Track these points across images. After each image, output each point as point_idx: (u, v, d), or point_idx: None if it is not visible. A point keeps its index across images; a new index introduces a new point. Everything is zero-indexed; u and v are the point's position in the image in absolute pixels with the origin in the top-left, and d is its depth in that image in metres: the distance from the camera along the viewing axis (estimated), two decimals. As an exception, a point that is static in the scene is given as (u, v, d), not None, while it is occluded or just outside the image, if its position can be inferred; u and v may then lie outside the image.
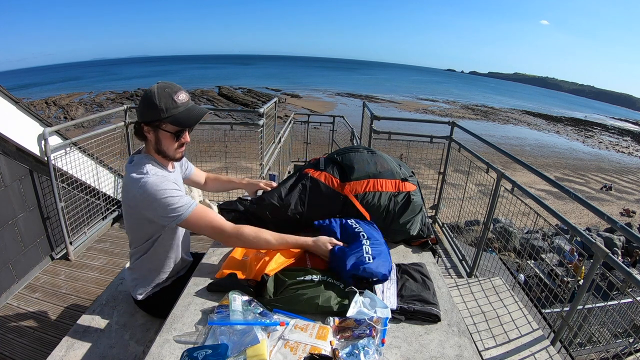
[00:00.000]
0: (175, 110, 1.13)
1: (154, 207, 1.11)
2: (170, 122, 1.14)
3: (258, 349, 0.83)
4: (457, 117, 35.28)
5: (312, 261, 1.21)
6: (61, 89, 42.67)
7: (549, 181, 2.18)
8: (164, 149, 1.20)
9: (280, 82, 58.69)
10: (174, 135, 1.18)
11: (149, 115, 1.13)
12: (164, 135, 1.17)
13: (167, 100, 1.11)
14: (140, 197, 1.11)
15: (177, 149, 1.23)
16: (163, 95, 1.11)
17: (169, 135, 1.17)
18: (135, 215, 1.20)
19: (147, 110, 1.13)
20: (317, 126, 6.36)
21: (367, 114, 3.95)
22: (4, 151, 2.27)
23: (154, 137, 1.18)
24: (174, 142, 1.20)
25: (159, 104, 1.10)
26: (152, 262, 1.33)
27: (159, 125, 1.15)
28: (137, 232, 1.27)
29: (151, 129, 1.17)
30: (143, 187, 1.10)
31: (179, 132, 1.19)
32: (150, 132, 1.17)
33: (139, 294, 1.36)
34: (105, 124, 7.18)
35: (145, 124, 1.16)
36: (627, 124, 55.90)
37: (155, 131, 1.17)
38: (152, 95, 1.11)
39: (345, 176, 1.38)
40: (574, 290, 2.00)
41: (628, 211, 15.97)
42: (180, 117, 1.14)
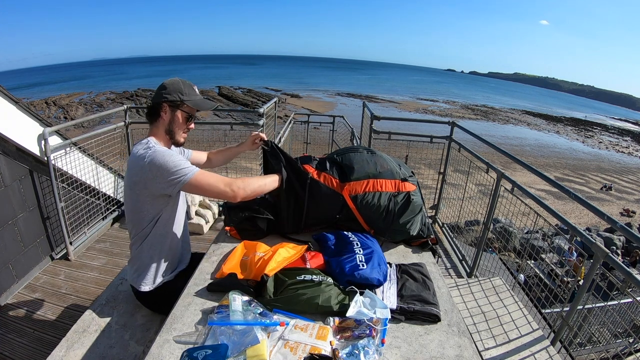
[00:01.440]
0: (195, 97, 1.34)
1: (161, 172, 1.18)
2: (191, 104, 1.32)
3: (258, 349, 0.83)
4: (457, 117, 35.28)
5: (312, 261, 1.21)
6: (62, 89, 42.67)
7: (549, 181, 2.18)
8: (175, 128, 1.34)
9: (283, 82, 58.82)
10: (188, 117, 1.35)
11: (173, 95, 1.29)
12: (181, 115, 1.33)
13: (190, 89, 1.33)
14: (148, 166, 1.18)
15: (184, 133, 1.38)
16: (186, 85, 1.32)
17: (185, 117, 1.34)
18: (138, 191, 1.24)
19: (172, 92, 1.29)
20: (317, 126, 6.36)
21: (367, 114, 3.95)
22: (4, 151, 2.27)
23: (169, 116, 1.32)
24: (184, 125, 1.35)
25: (182, 88, 1.30)
26: (153, 248, 1.34)
27: (180, 105, 1.31)
28: (138, 213, 1.29)
29: (170, 108, 1.31)
30: (150, 156, 1.19)
31: (191, 117, 1.37)
32: (168, 111, 1.31)
33: (142, 286, 1.36)
34: (105, 124, 7.19)
35: (168, 102, 1.30)
36: (627, 124, 55.91)
37: (173, 111, 1.31)
38: (178, 82, 1.31)
39: (345, 176, 1.38)
40: (574, 290, 2.00)
41: (628, 211, 15.98)
42: (199, 102, 1.35)
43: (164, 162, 1.18)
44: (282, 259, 1.16)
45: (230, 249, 1.32)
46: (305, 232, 1.44)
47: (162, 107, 1.30)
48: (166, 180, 1.18)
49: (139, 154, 1.21)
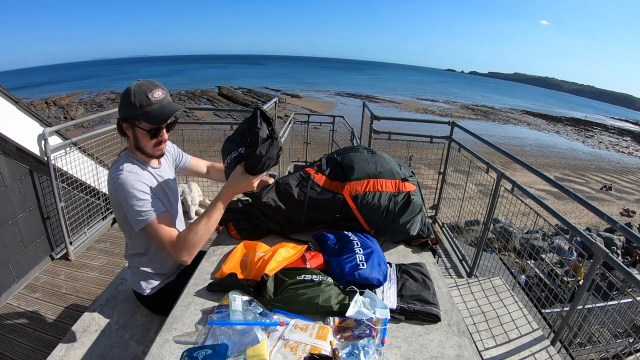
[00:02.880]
0: (148, 107, 1.13)
1: (123, 206, 1.14)
2: (144, 119, 1.15)
3: (258, 349, 0.83)
4: (457, 117, 35.29)
5: (312, 261, 1.21)
6: (62, 89, 42.69)
7: (549, 181, 2.18)
8: (142, 146, 1.22)
9: (285, 82, 58.92)
10: (148, 133, 1.19)
11: (125, 112, 1.15)
12: (140, 132, 1.18)
13: (142, 97, 1.12)
14: (115, 193, 1.14)
15: (155, 147, 1.24)
16: (138, 93, 1.12)
17: (145, 133, 1.18)
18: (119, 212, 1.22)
19: (123, 107, 1.15)
20: (317, 126, 6.36)
21: (367, 114, 3.95)
22: (4, 151, 2.27)
23: (132, 134, 1.20)
24: (150, 140, 1.21)
25: (133, 100, 1.12)
26: (150, 263, 1.33)
27: (134, 122, 1.16)
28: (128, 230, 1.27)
29: (128, 125, 1.18)
30: (117, 185, 1.13)
31: (154, 130, 1.19)
32: (128, 129, 1.19)
33: (144, 291, 1.36)
34: (105, 124, 7.20)
35: (123, 120, 1.18)
36: (627, 124, 55.93)
37: (133, 129, 1.18)
38: (129, 92, 1.12)
39: (345, 176, 1.38)
40: (574, 290, 2.00)
41: (628, 211, 15.98)
42: (152, 115, 1.14)
43: (126, 198, 1.13)
44: (282, 259, 1.16)
45: (230, 249, 1.32)
46: (305, 232, 1.44)
47: (122, 126, 1.19)
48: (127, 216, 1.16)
49: (111, 175, 1.18)
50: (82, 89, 42.96)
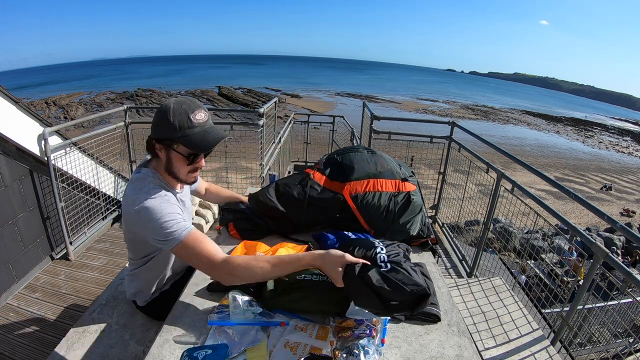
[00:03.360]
0: (190, 130, 1.01)
1: (148, 229, 1.01)
2: (183, 143, 1.03)
3: (258, 349, 0.83)
4: (457, 117, 35.31)
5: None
6: (62, 89, 42.71)
7: (549, 181, 2.18)
8: (175, 170, 1.10)
9: (286, 82, 58.99)
10: (186, 158, 1.07)
11: (161, 132, 1.03)
12: (176, 156, 1.06)
13: (182, 118, 1.00)
14: (136, 216, 1.02)
15: (190, 173, 1.12)
16: (178, 112, 1.00)
17: (182, 158, 1.07)
18: (132, 231, 1.13)
19: (159, 127, 1.03)
20: (317, 126, 6.36)
21: (367, 114, 3.95)
22: (4, 151, 2.27)
23: (165, 156, 1.08)
24: (186, 166, 1.09)
25: (172, 121, 1.00)
26: (151, 273, 1.31)
27: (171, 145, 1.05)
28: (135, 246, 1.23)
29: (163, 147, 1.06)
30: (139, 208, 1.00)
31: (193, 156, 1.08)
32: (162, 150, 1.07)
33: (139, 301, 1.35)
34: (105, 124, 7.18)
35: (157, 141, 1.06)
36: (627, 124, 55.97)
37: (167, 151, 1.06)
38: (167, 110, 1.00)
39: (345, 176, 1.38)
40: (574, 290, 2.00)
41: (628, 211, 15.99)
42: (194, 139, 1.02)
43: (149, 221, 0.99)
44: (282, 259, 1.16)
45: (230, 249, 1.32)
46: (305, 232, 1.44)
47: (155, 146, 1.08)
48: (151, 238, 1.03)
49: (133, 194, 1.04)
50: (82, 89, 42.97)
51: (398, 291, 0.88)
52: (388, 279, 0.89)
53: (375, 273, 0.90)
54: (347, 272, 0.93)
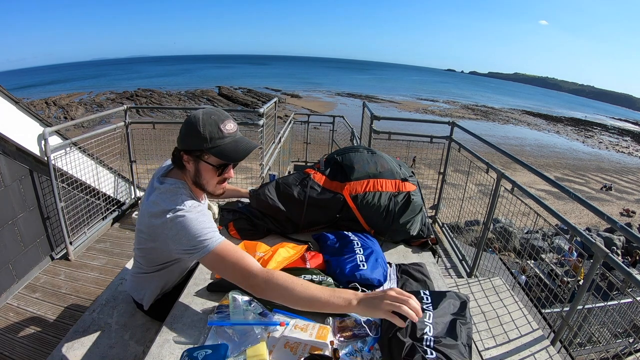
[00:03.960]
0: (220, 141, 1.00)
1: (180, 240, 0.97)
2: (214, 153, 1.01)
3: (258, 349, 0.83)
4: (457, 117, 35.31)
5: (312, 261, 1.21)
6: (62, 89, 42.72)
7: (549, 181, 2.18)
8: (204, 182, 1.08)
9: (287, 82, 59.15)
10: (216, 169, 1.05)
11: (190, 143, 1.01)
12: (206, 167, 1.04)
13: (213, 128, 0.99)
14: (169, 226, 0.97)
15: (219, 184, 1.11)
16: (208, 123, 0.99)
17: (211, 169, 1.05)
18: (156, 241, 1.06)
19: (189, 138, 1.01)
20: (317, 126, 6.37)
21: (367, 114, 3.95)
22: (4, 151, 2.27)
23: (193, 168, 1.06)
24: (215, 177, 1.07)
25: (202, 132, 0.98)
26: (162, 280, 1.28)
27: (201, 156, 1.03)
28: (151, 255, 1.17)
29: (192, 158, 1.04)
30: (175, 219, 0.97)
31: (223, 166, 1.06)
32: (191, 162, 1.05)
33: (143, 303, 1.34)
34: (105, 124, 7.19)
35: (186, 152, 1.04)
36: (627, 124, 55.98)
37: (196, 162, 1.04)
38: (197, 121, 0.99)
39: (345, 176, 1.38)
40: (574, 290, 2.00)
41: (628, 211, 15.99)
42: (226, 150, 1.01)
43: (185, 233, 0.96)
44: (282, 259, 1.16)
45: (230, 248, 1.32)
46: (305, 232, 1.44)
47: (183, 157, 1.05)
48: (181, 249, 0.98)
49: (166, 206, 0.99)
50: (82, 89, 42.99)
51: None
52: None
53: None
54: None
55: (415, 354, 0.79)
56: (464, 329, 0.91)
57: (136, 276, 1.31)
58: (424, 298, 0.96)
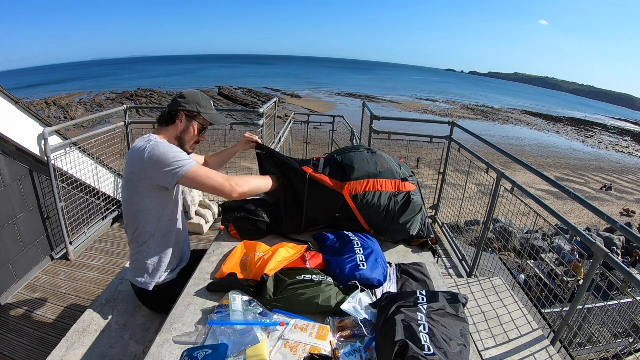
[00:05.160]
0: (212, 111, 1.40)
1: (160, 161, 1.19)
2: (207, 117, 1.38)
3: (258, 349, 0.83)
4: (457, 117, 35.31)
5: (312, 261, 1.21)
6: (62, 89, 42.72)
7: (549, 181, 2.18)
8: (186, 138, 1.37)
9: (288, 81, 59.35)
10: (201, 129, 1.40)
11: (192, 106, 1.34)
12: (195, 126, 1.37)
13: (207, 103, 1.40)
14: (148, 156, 1.19)
15: (194, 143, 1.42)
16: (204, 98, 1.39)
17: (199, 128, 1.38)
18: (137, 182, 1.24)
19: (192, 102, 1.34)
20: (317, 126, 6.36)
21: (367, 114, 3.95)
22: (4, 151, 2.27)
23: (184, 125, 1.35)
24: (196, 136, 1.40)
25: (202, 101, 1.37)
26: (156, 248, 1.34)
27: (196, 117, 1.36)
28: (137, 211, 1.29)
29: (186, 118, 1.35)
30: (151, 147, 1.20)
31: (204, 130, 1.42)
32: (184, 120, 1.35)
33: (145, 285, 1.36)
34: (105, 124, 7.19)
35: (185, 112, 1.34)
36: (627, 124, 55.98)
37: (189, 121, 1.35)
38: (197, 94, 1.38)
39: (345, 176, 1.38)
40: (574, 290, 2.00)
41: (628, 211, 15.98)
42: (215, 117, 1.40)
43: (164, 152, 1.19)
44: (282, 259, 1.16)
45: (230, 249, 1.32)
46: (305, 232, 1.44)
47: (178, 115, 1.34)
48: (164, 170, 1.19)
49: (140, 145, 1.23)
50: (82, 89, 42.97)
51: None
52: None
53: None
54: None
55: (409, 351, 0.79)
56: (461, 328, 0.91)
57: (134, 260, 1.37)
58: (420, 298, 0.96)
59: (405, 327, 0.85)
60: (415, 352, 0.78)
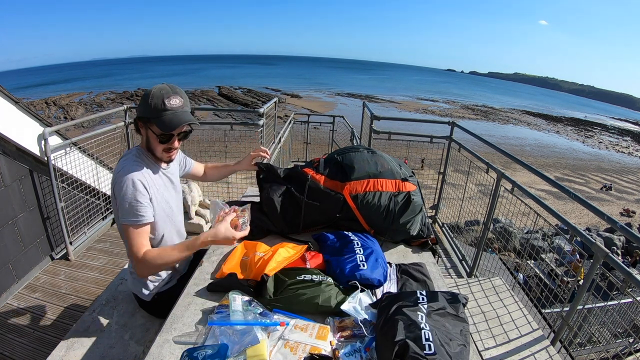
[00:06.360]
0: (162, 113, 1.13)
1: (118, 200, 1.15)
2: (156, 123, 1.15)
3: (258, 349, 0.83)
4: (457, 117, 35.30)
5: (312, 261, 1.21)
6: (62, 89, 42.72)
7: (549, 181, 2.18)
8: (152, 148, 1.24)
9: (290, 81, 59.46)
10: (158, 137, 1.19)
11: (141, 111, 1.16)
12: (151, 135, 1.20)
13: (158, 101, 1.13)
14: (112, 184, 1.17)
15: (164, 152, 1.25)
16: (156, 96, 1.13)
17: (155, 137, 1.20)
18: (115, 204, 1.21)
19: (140, 106, 1.16)
20: (317, 126, 6.36)
21: (367, 114, 3.95)
22: (4, 151, 2.27)
23: (144, 134, 1.23)
24: (159, 145, 1.22)
25: (150, 102, 1.13)
26: None
27: (147, 124, 1.19)
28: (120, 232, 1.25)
29: (142, 125, 1.21)
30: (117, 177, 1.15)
31: (164, 136, 1.19)
32: (142, 128, 1.21)
33: (144, 295, 1.36)
34: (105, 124, 7.20)
35: (138, 119, 1.20)
36: (627, 124, 55.97)
37: (145, 129, 1.21)
38: (149, 94, 1.14)
39: (345, 176, 1.38)
40: (574, 290, 2.00)
41: (628, 211, 15.98)
42: (164, 121, 1.14)
43: (121, 192, 1.13)
44: (282, 259, 1.16)
45: (230, 249, 1.32)
46: (305, 232, 1.44)
47: (138, 123, 1.21)
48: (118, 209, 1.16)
49: (118, 167, 1.18)
50: (82, 89, 42.98)
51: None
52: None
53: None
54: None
55: (409, 351, 0.79)
56: (461, 328, 0.91)
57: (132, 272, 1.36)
58: (420, 298, 0.96)
59: (406, 327, 0.85)
60: (416, 351, 0.78)
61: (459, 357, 0.81)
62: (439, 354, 0.78)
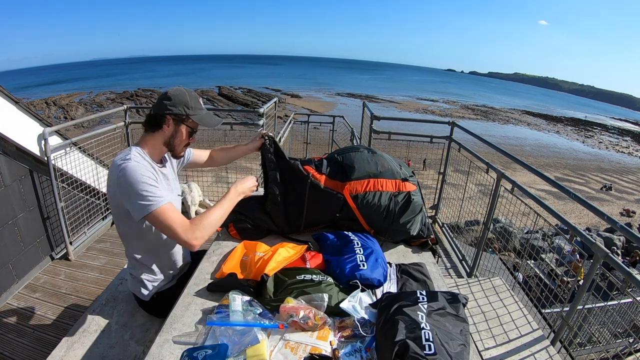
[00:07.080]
0: (200, 111, 1.27)
1: (127, 193, 1.10)
2: (196, 119, 1.25)
3: (258, 349, 0.83)
4: (457, 117, 35.31)
5: (312, 261, 1.21)
6: (62, 89, 42.72)
7: (549, 181, 2.18)
8: (176, 142, 1.27)
9: (290, 81, 59.50)
10: (191, 133, 1.29)
11: (179, 108, 1.21)
12: (184, 130, 1.26)
13: (196, 102, 1.25)
14: (117, 181, 1.12)
15: (185, 146, 1.33)
16: (192, 97, 1.24)
17: (188, 132, 1.27)
18: (116, 206, 1.19)
19: (178, 104, 1.21)
20: (317, 126, 6.36)
21: (367, 114, 3.95)
22: (4, 151, 2.27)
23: (172, 129, 1.25)
24: (187, 139, 1.29)
25: (189, 101, 1.23)
26: (151, 259, 1.33)
27: (185, 119, 1.24)
28: (126, 225, 1.25)
29: (174, 121, 1.24)
30: (122, 170, 1.11)
31: (193, 132, 1.31)
32: (171, 124, 1.24)
33: (143, 294, 1.36)
34: (105, 124, 7.19)
35: (172, 115, 1.22)
36: (627, 124, 56.00)
37: (177, 125, 1.24)
38: (184, 93, 1.23)
39: (345, 176, 1.38)
40: (574, 290, 2.00)
41: (628, 211, 15.99)
42: (204, 118, 1.28)
43: (132, 184, 1.09)
44: (282, 259, 1.16)
45: (230, 249, 1.32)
46: (305, 232, 1.44)
47: (165, 119, 1.22)
48: (129, 204, 1.12)
49: (116, 164, 1.14)
50: (82, 89, 43.02)
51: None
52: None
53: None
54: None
55: (409, 351, 0.79)
56: (461, 328, 0.91)
57: (131, 272, 1.36)
58: (420, 298, 0.96)
59: (406, 326, 0.85)
60: (416, 351, 0.78)
61: (459, 357, 0.81)
62: (440, 354, 0.78)
